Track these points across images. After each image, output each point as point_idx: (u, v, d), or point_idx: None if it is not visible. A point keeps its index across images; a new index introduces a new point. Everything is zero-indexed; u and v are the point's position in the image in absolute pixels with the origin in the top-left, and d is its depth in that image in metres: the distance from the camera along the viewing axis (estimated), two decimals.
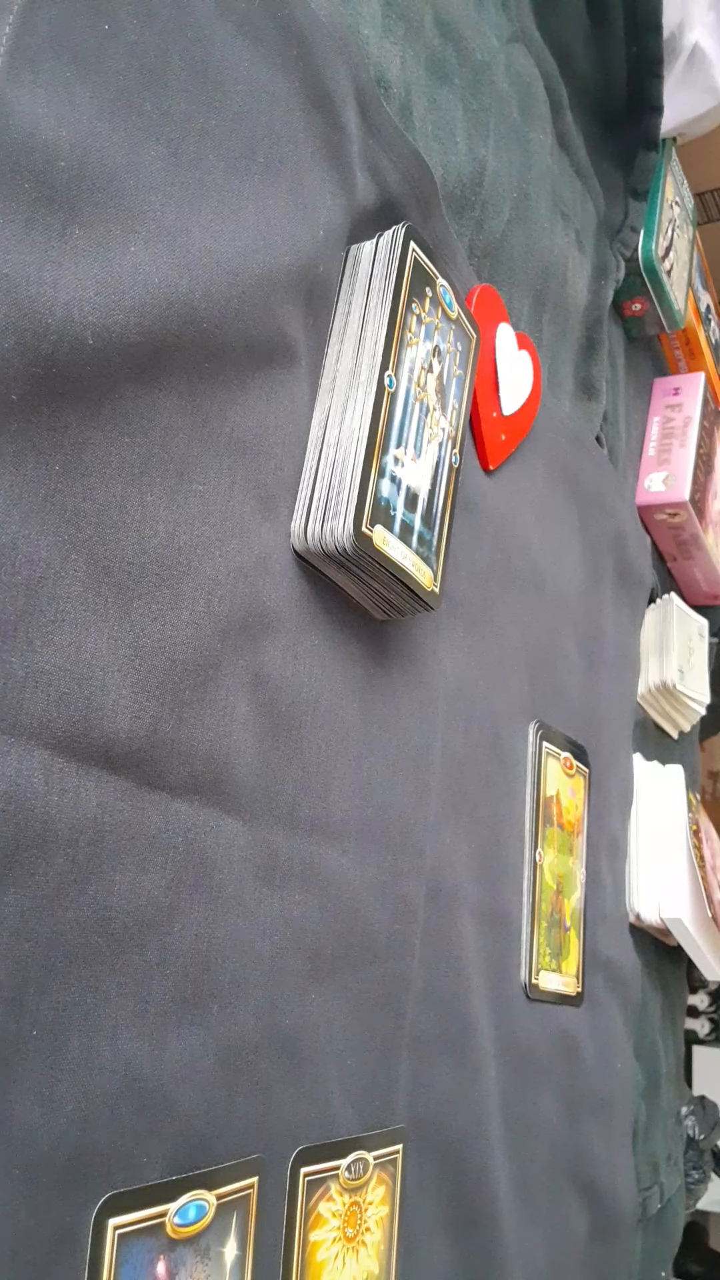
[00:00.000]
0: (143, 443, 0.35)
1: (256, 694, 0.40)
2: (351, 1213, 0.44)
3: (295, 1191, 0.40)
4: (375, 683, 0.49)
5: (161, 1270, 0.34)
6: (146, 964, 0.35)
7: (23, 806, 0.30)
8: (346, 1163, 0.43)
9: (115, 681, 0.33)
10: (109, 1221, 0.32)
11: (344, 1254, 0.43)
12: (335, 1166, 0.42)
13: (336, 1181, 0.42)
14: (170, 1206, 0.34)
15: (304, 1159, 0.41)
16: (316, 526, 0.42)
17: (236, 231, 0.38)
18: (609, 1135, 0.73)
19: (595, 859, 0.75)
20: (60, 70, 0.31)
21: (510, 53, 0.66)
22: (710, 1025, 1.62)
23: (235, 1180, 0.37)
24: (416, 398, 0.47)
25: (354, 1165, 0.43)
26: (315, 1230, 0.42)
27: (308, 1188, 0.41)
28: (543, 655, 0.68)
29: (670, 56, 0.79)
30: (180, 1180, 0.35)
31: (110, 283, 0.32)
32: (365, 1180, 0.44)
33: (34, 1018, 0.31)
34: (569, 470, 0.74)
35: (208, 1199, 0.36)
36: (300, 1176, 0.41)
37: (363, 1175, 0.44)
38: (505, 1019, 0.59)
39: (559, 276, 0.71)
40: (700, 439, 0.94)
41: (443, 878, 0.54)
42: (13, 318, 0.29)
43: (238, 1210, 0.37)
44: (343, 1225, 0.43)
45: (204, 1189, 0.35)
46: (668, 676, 0.90)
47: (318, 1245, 0.42)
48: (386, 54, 0.51)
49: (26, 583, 0.31)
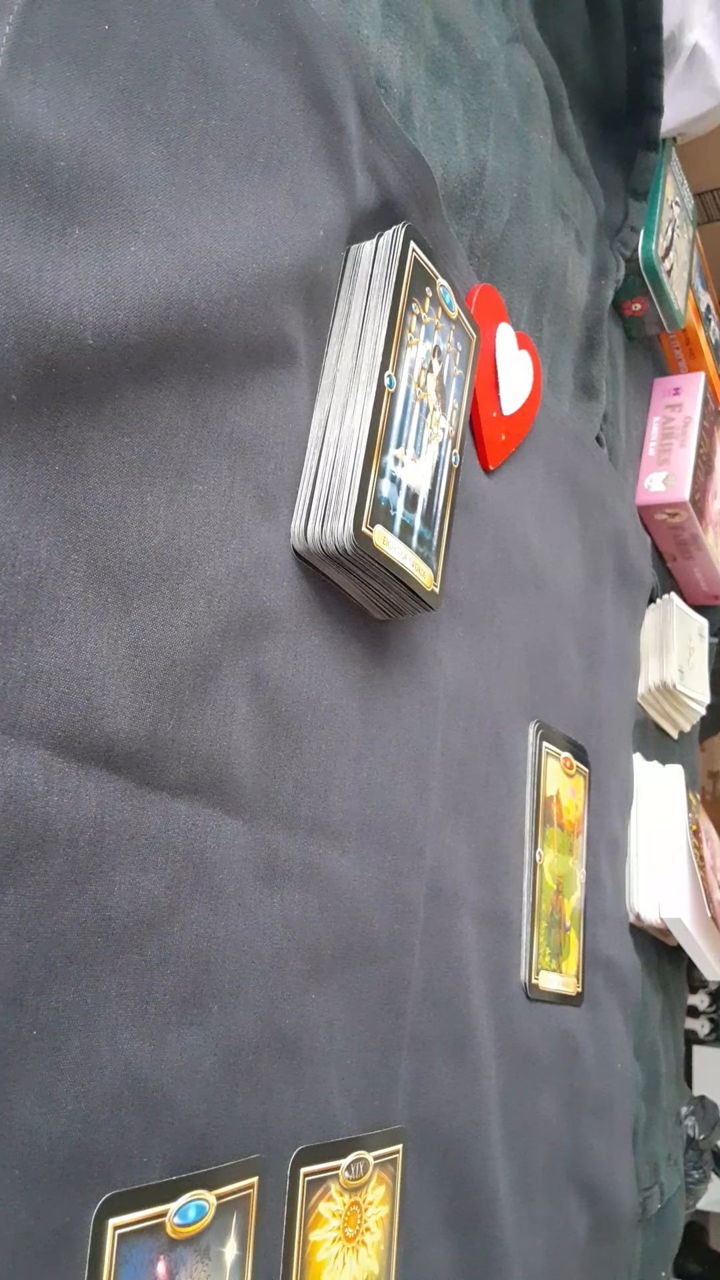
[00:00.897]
0: (143, 443, 0.35)
1: (256, 694, 0.40)
2: (351, 1213, 0.44)
3: (295, 1191, 0.40)
4: (375, 683, 0.49)
5: (161, 1270, 0.34)
6: (147, 964, 0.35)
7: (23, 806, 0.30)
8: (346, 1163, 0.43)
9: (115, 681, 0.33)
10: (109, 1221, 0.32)
11: (344, 1254, 0.43)
12: (335, 1167, 0.42)
13: (336, 1181, 0.42)
14: (170, 1206, 0.34)
15: (304, 1159, 0.41)
16: (316, 526, 0.42)
17: (236, 231, 0.38)
18: (609, 1135, 0.73)
19: (595, 859, 0.75)
20: (60, 70, 0.31)
21: (510, 53, 0.66)
22: (710, 1025, 1.62)
23: (235, 1180, 0.37)
24: (416, 398, 0.46)
25: (354, 1165, 0.43)
26: (315, 1230, 0.42)
27: (308, 1188, 0.41)
28: (543, 655, 0.68)
29: (670, 56, 0.79)
30: (180, 1180, 0.35)
31: (110, 283, 0.32)
32: (365, 1180, 0.44)
33: (34, 1017, 0.31)
34: (569, 470, 0.74)
35: (208, 1199, 0.36)
36: (300, 1176, 0.41)
37: (363, 1175, 0.44)
38: (505, 1019, 0.59)
39: (559, 276, 0.71)
40: (700, 439, 0.94)
41: (443, 878, 0.54)
42: (13, 318, 0.29)
43: (238, 1210, 0.37)
44: (343, 1225, 0.43)
45: (204, 1189, 0.35)
46: (668, 676, 0.90)
47: (318, 1245, 0.42)
48: (386, 54, 0.51)
49: (26, 583, 0.31)
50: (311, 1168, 0.41)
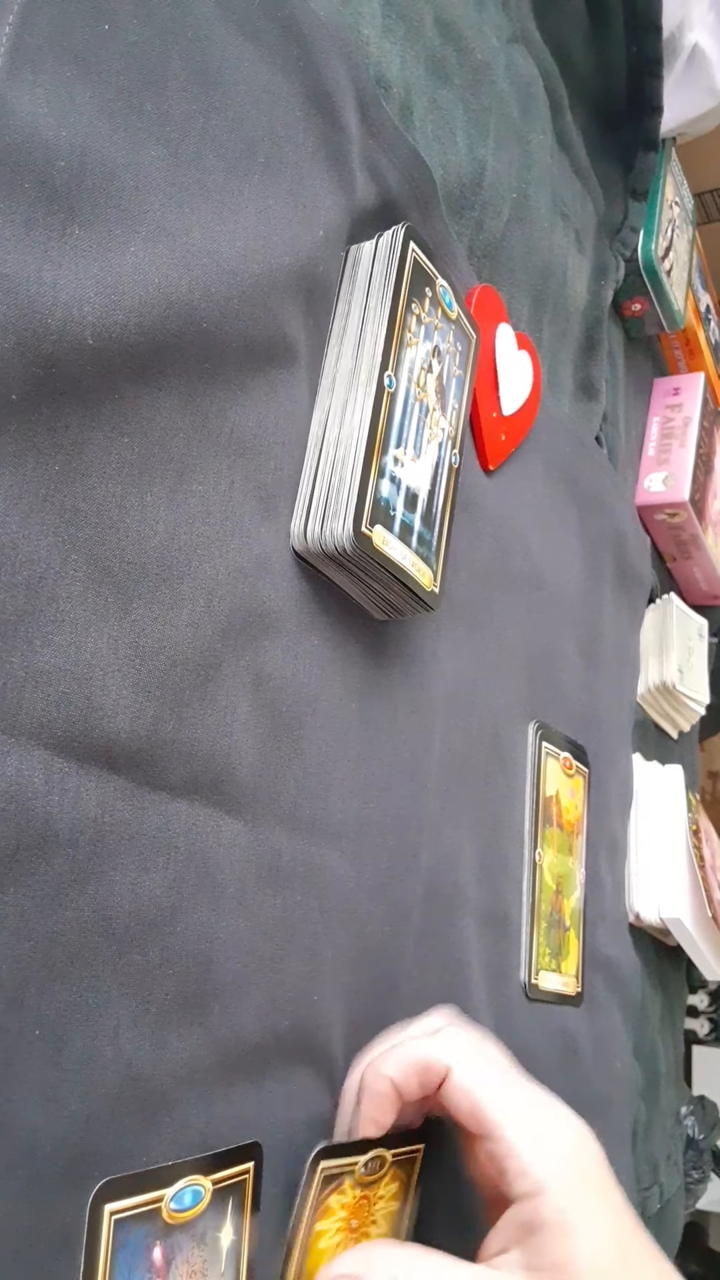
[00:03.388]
0: (143, 443, 0.35)
1: (257, 694, 0.40)
2: (360, 1205, 0.43)
3: (310, 1185, 0.40)
4: (375, 683, 0.49)
5: (158, 1255, 0.34)
6: (148, 964, 0.35)
7: (23, 807, 0.30)
8: (365, 1159, 0.43)
9: (115, 681, 0.33)
10: (105, 1207, 0.32)
11: (346, 1243, 0.43)
12: (354, 1163, 0.42)
13: (351, 1177, 0.42)
14: (166, 1192, 0.34)
15: (326, 1154, 0.41)
16: (316, 526, 0.42)
17: (236, 232, 0.38)
18: (608, 1135, 0.73)
19: (595, 859, 0.75)
20: (60, 70, 0.31)
21: (510, 53, 0.66)
22: (710, 1025, 1.62)
23: (230, 1165, 0.37)
24: (416, 398, 0.47)
25: (370, 1163, 0.43)
26: (322, 1220, 0.42)
27: (322, 1183, 0.41)
28: (542, 655, 0.68)
29: (670, 56, 0.79)
30: (177, 1165, 0.35)
31: (110, 283, 0.32)
32: (380, 1176, 0.44)
33: (35, 1017, 0.31)
34: (569, 470, 0.74)
35: (204, 1184, 0.36)
36: (319, 1172, 0.41)
37: (378, 1172, 0.44)
38: (505, 1019, 0.59)
39: (559, 276, 0.71)
40: (700, 439, 0.94)
41: (442, 878, 0.54)
42: (13, 318, 0.29)
43: (233, 1196, 0.37)
44: (349, 1217, 0.43)
45: (200, 1174, 0.35)
46: (667, 676, 0.90)
47: (321, 1234, 0.42)
48: (386, 54, 0.51)
49: (26, 583, 0.31)
50: (331, 1162, 0.41)
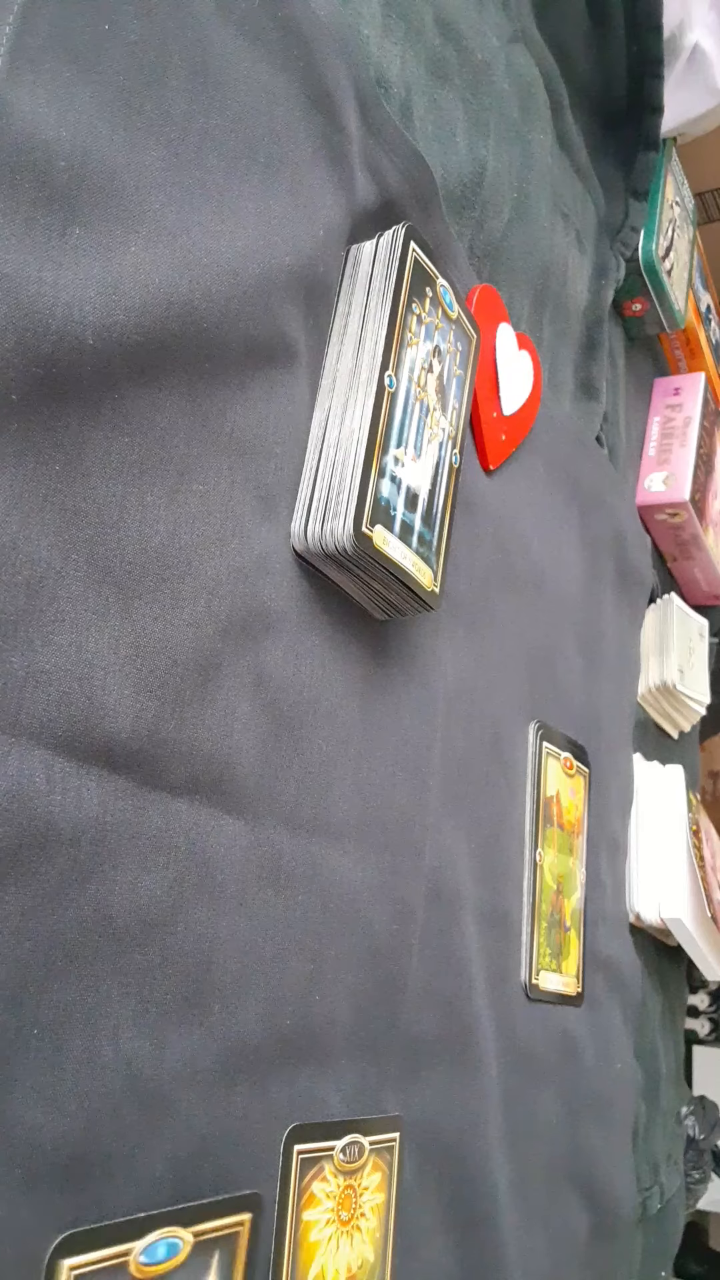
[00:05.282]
0: (143, 443, 0.35)
1: (258, 694, 0.40)
2: (346, 1195, 0.43)
3: (289, 1168, 0.40)
4: (375, 683, 0.49)
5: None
6: (148, 963, 0.35)
7: (24, 806, 0.30)
8: (341, 1144, 0.42)
9: (116, 681, 0.33)
10: (63, 1262, 0.30)
11: (338, 1236, 0.43)
12: (330, 1147, 0.42)
13: (331, 1162, 0.42)
14: (135, 1245, 0.33)
15: (298, 1136, 0.41)
16: (316, 526, 0.42)
17: (236, 231, 0.38)
18: (609, 1135, 0.73)
19: (595, 859, 0.75)
20: (60, 70, 0.31)
21: (510, 53, 0.66)
22: (710, 1025, 1.62)
23: (219, 1216, 0.36)
24: (417, 398, 0.47)
25: (348, 1148, 0.43)
26: (309, 1209, 0.42)
27: (301, 1165, 0.41)
28: (543, 655, 0.68)
29: (670, 56, 0.79)
30: (149, 1217, 0.34)
31: (110, 283, 0.32)
32: (360, 1165, 0.44)
33: (35, 1017, 0.31)
34: (569, 470, 0.74)
35: (181, 1236, 0.34)
36: (294, 1154, 0.41)
37: (358, 1159, 0.44)
38: (505, 1019, 0.59)
39: (559, 276, 0.71)
40: (700, 439, 0.94)
41: (443, 878, 0.54)
42: (13, 318, 0.29)
43: (220, 1249, 0.36)
44: (337, 1208, 0.43)
45: (178, 1225, 0.34)
46: (668, 676, 0.90)
47: (311, 1225, 0.42)
48: (386, 54, 0.51)
49: (27, 583, 0.31)
50: (305, 1145, 0.41)
